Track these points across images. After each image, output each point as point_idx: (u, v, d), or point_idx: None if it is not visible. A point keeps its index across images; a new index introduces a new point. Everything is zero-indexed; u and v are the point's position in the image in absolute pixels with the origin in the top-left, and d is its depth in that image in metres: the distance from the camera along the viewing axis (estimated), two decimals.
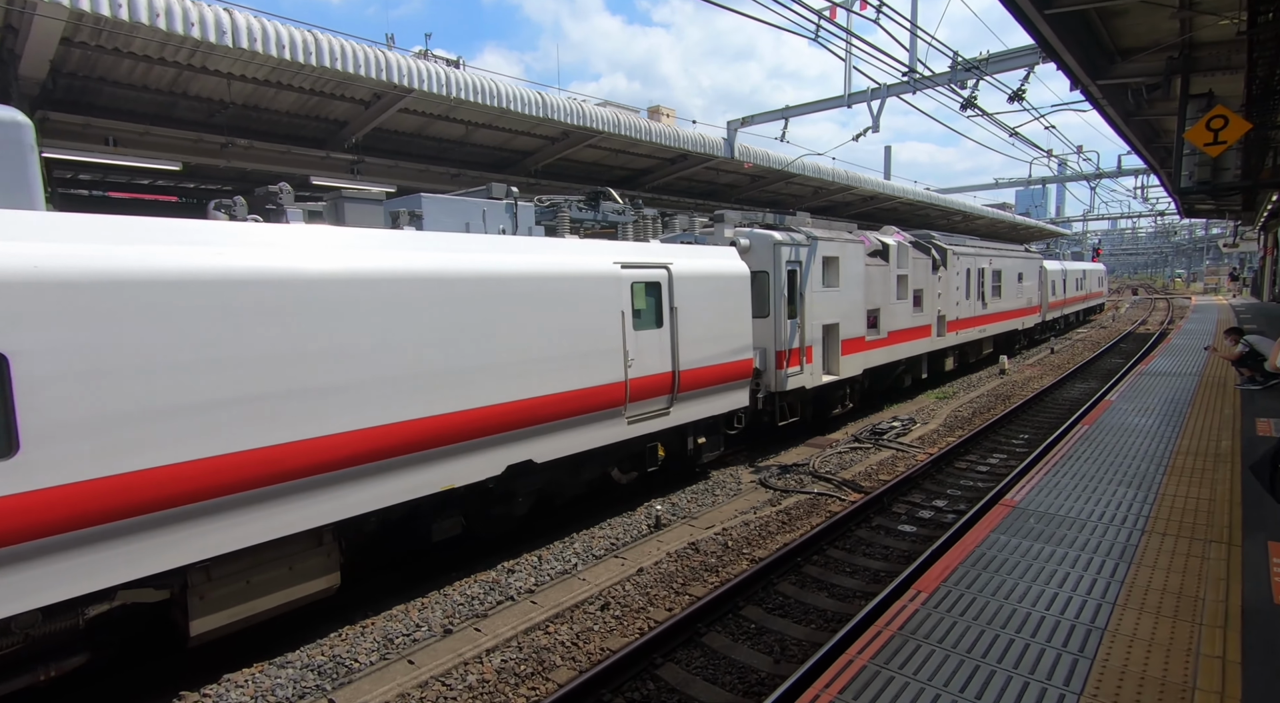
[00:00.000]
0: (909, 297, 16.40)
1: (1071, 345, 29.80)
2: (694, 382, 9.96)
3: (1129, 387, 11.17)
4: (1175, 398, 10.14)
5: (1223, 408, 9.21)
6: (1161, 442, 7.65)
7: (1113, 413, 9.22)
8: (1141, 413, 9.13)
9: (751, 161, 17.08)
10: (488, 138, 12.49)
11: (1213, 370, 12.03)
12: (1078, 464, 7.03)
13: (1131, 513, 5.61)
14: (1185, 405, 9.51)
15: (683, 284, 9.68)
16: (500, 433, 7.12)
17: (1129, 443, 7.70)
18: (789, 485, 10.70)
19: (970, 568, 4.70)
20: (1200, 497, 5.78)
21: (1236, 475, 6.18)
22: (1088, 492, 6.20)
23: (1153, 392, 10.68)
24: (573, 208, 9.21)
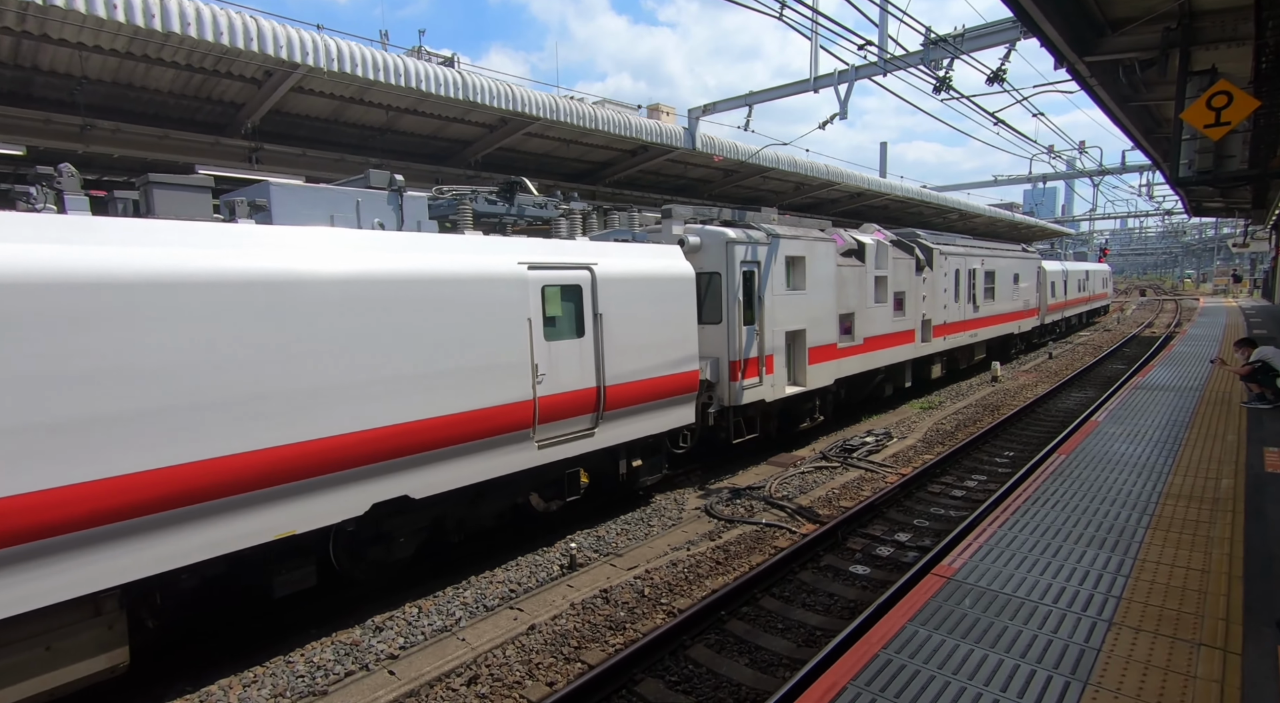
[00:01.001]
0: (889, 300, 15.20)
1: (1072, 350, 28.53)
2: (625, 398, 8.81)
3: (1120, 405, 9.95)
4: (1171, 419, 8.91)
5: (1225, 433, 8.00)
6: (1150, 478, 6.43)
7: (1096, 438, 8.01)
8: (1130, 439, 7.92)
9: (721, 155, 15.91)
10: (416, 125, 11.39)
11: (1216, 385, 10.81)
12: (1043, 512, 5.81)
13: (1099, 590, 4.33)
14: (1182, 429, 8.30)
15: (610, 287, 8.53)
16: (361, 466, 5.98)
17: (1110, 481, 6.48)
18: (736, 514, 9.54)
19: (864, 689, 3.46)
20: (1190, 566, 4.55)
21: (1238, 532, 4.98)
22: (1048, 554, 4.95)
23: (1146, 411, 9.46)
24: (479, 200, 8.06)
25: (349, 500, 5.95)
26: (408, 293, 6.19)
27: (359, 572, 6.74)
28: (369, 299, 5.92)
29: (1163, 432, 8.16)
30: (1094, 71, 9.18)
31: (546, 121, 11.39)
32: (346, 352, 5.75)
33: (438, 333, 6.46)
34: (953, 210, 30.26)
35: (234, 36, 7.37)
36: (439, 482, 6.68)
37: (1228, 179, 8.41)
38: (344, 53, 8.40)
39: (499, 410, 7.14)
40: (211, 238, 5.19)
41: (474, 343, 6.83)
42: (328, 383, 5.63)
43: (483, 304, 6.92)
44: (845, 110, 11.73)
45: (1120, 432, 8.29)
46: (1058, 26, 7.99)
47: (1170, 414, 9.20)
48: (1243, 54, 7.74)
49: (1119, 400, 10.20)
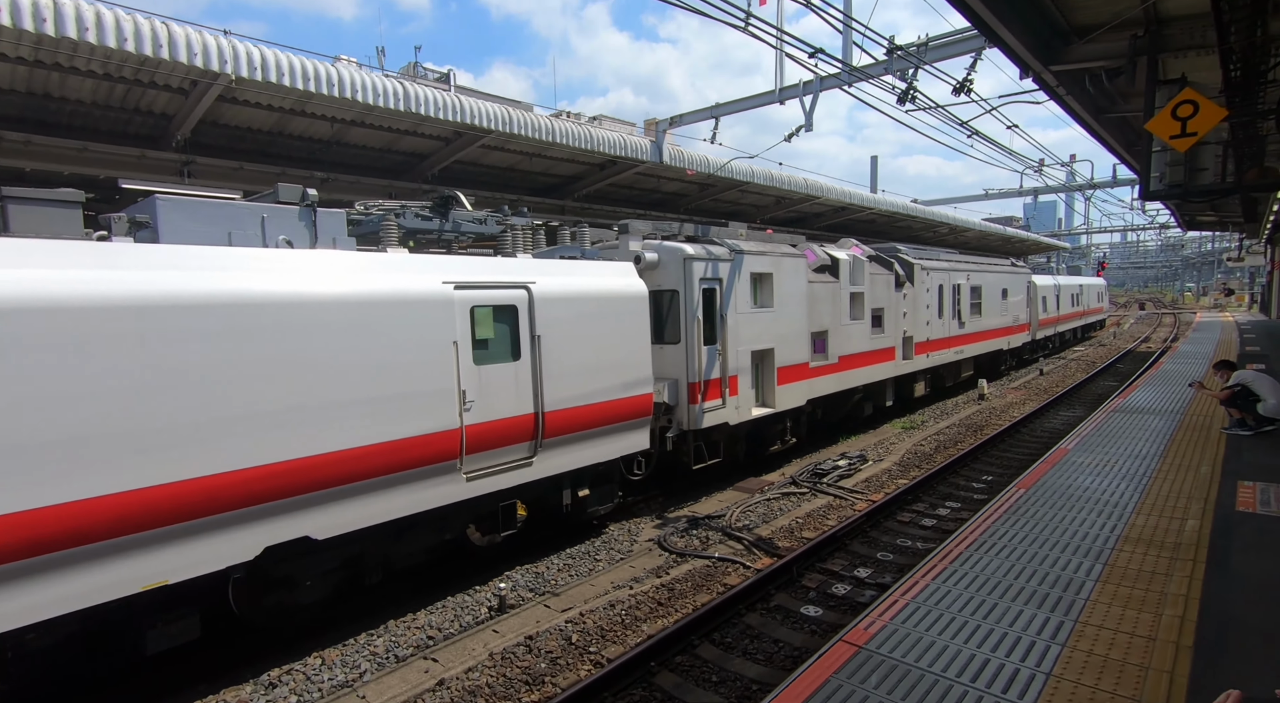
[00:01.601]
0: (866, 316, 14.73)
1: (1065, 366, 28.02)
2: (569, 424, 8.31)
3: (1094, 430, 9.41)
4: (1145, 448, 8.35)
5: (1200, 463, 7.46)
6: (1110, 518, 5.87)
7: (1062, 470, 7.47)
8: (1097, 470, 7.35)
9: (694, 168, 15.52)
10: (366, 138, 11.00)
11: (1198, 408, 10.27)
12: (985, 559, 5.24)
13: (1028, 664, 3.67)
14: (1155, 459, 7.76)
15: (550, 307, 8.07)
16: (250, 506, 5.48)
17: (1067, 521, 5.90)
18: (690, 546, 9.01)
19: None
20: (1136, 631, 3.93)
21: (1196, 587, 4.43)
22: (979, 614, 4.35)
23: (1121, 436, 8.90)
24: (407, 216, 7.62)
25: (235, 544, 5.44)
26: (304, 317, 5.72)
27: (260, 619, 6.22)
28: (254, 325, 5.44)
29: (1134, 462, 7.61)
30: (1062, 81, 8.76)
31: (500, 134, 10.99)
32: (230, 383, 5.27)
33: (342, 360, 5.98)
34: (942, 225, 29.89)
35: (141, 43, 6.96)
36: (347, 520, 6.17)
37: (1199, 193, 7.97)
38: (269, 62, 7.99)
39: (418, 441, 6.64)
40: (67, 258, 4.73)
41: (388, 370, 6.35)
42: (207, 417, 5.14)
43: (399, 327, 6.45)
44: (810, 122, 11.32)
45: (1088, 462, 7.75)
46: (1018, 34, 7.58)
47: (1145, 441, 8.64)
48: (1213, 62, 7.31)
49: (1093, 425, 9.67)
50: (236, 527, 5.40)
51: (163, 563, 5.04)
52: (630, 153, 13.28)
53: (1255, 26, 5.85)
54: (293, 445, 5.62)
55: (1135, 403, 11.47)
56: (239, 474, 5.32)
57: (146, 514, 4.92)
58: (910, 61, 9.49)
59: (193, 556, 5.18)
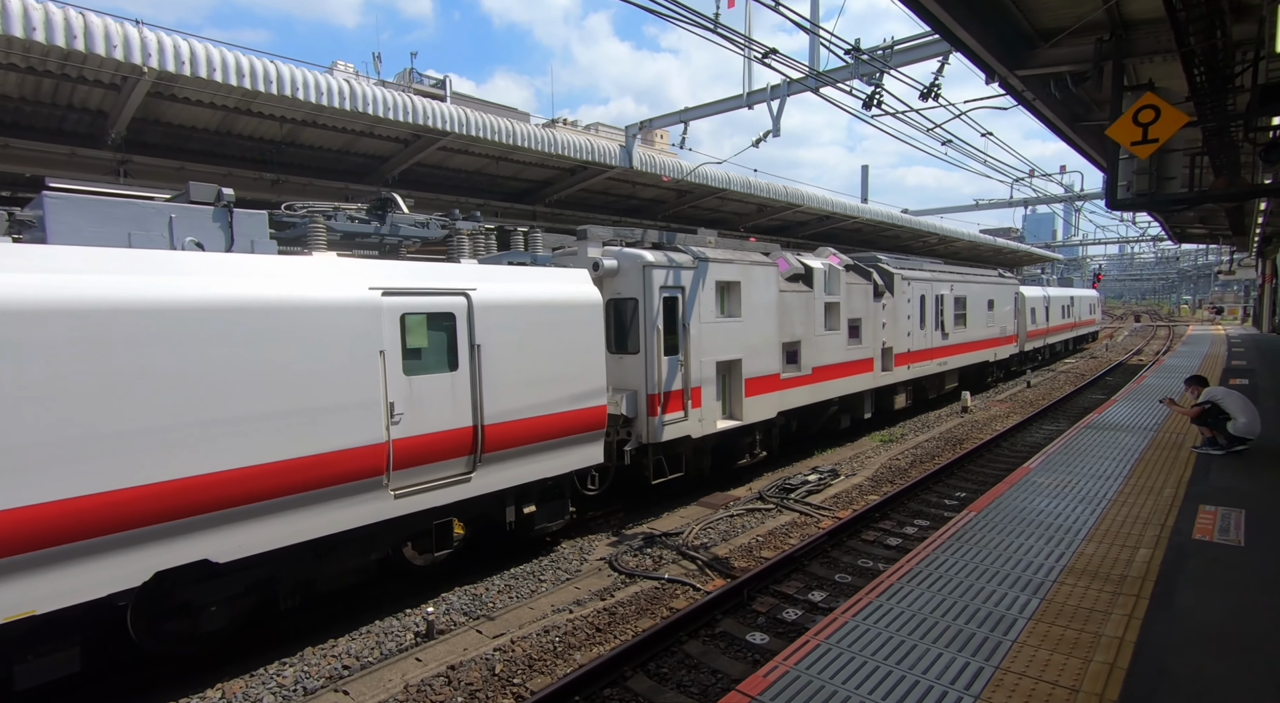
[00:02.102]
0: (842, 327, 14.39)
1: (1053, 378, 27.70)
2: (513, 437, 7.94)
3: (1061, 448, 9.03)
4: (1110, 467, 7.94)
5: (1164, 486, 7.08)
6: (1059, 545, 5.47)
7: (1020, 491, 7.08)
8: (1056, 492, 6.95)
9: (669, 174, 15.22)
10: (320, 138, 10.67)
11: (1172, 425, 9.89)
12: (916, 591, 4.82)
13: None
14: (1119, 480, 7.37)
15: (493, 315, 7.71)
16: (136, 528, 5.10)
17: (1013, 548, 5.48)
18: (642, 566, 8.62)
19: None
20: (1060, 681, 3.45)
21: (1133, 629, 4.01)
22: (895, 656, 3.93)
23: (1088, 455, 8.51)
24: (339, 218, 7.27)
25: (118, 570, 5.05)
26: (194, 325, 5.34)
27: (161, 648, 5.83)
28: (131, 334, 5.05)
29: (1096, 484, 7.22)
30: (1030, 86, 8.46)
31: (459, 136, 10.67)
32: (102, 397, 4.89)
33: (243, 371, 5.61)
34: (931, 235, 29.62)
35: (52, 33, 6.61)
36: (253, 542, 5.79)
37: (1165, 202, 7.64)
38: (199, 57, 7.65)
39: (337, 457, 6.27)
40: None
41: (300, 381, 5.98)
42: (72, 434, 4.75)
43: (314, 336, 6.08)
44: (778, 127, 11.02)
45: (1049, 483, 7.37)
46: (978, 37, 7.27)
47: (1112, 460, 8.24)
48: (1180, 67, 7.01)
49: (1061, 443, 9.29)
50: (119, 551, 5.01)
51: (27, 592, 4.65)
52: (598, 157, 12.97)
53: (1214, 30, 5.54)
54: (183, 463, 5.24)
55: (1109, 419, 11.09)
56: (117, 495, 4.93)
57: (17, 537, 4.54)
58: (874, 66, 9.19)
59: (65, 583, 4.78)
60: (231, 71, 8.01)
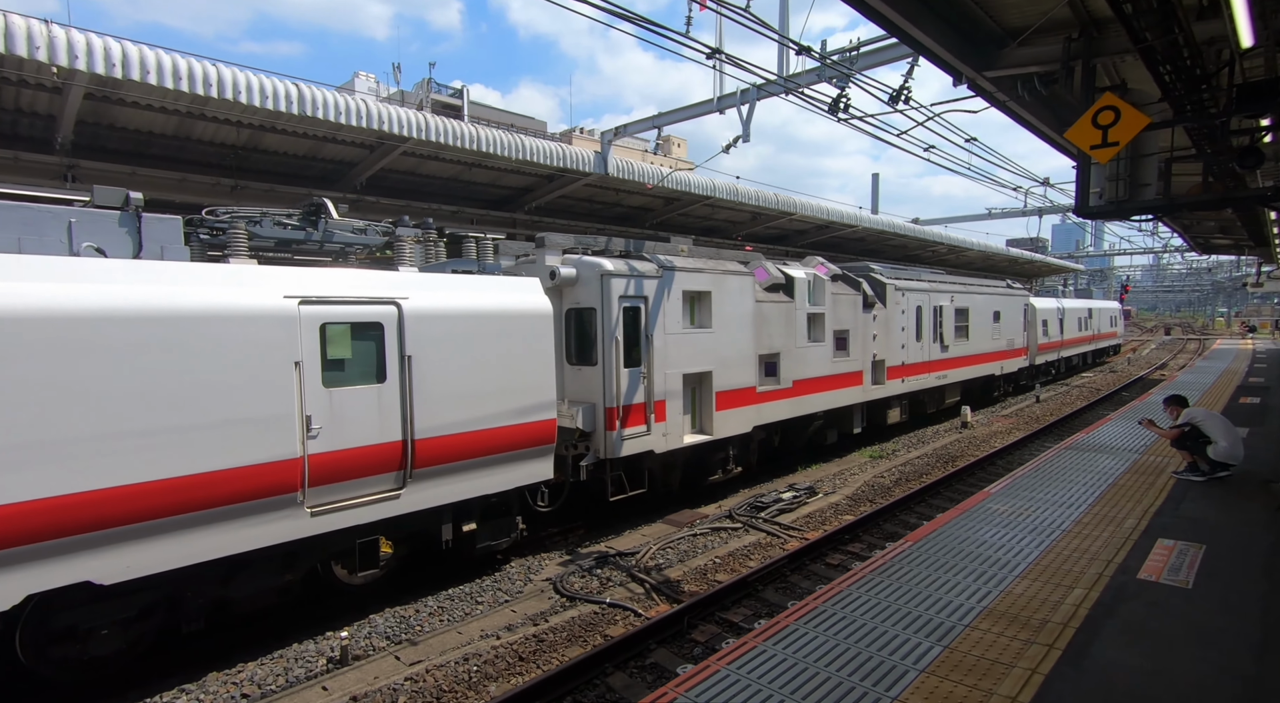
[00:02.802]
0: (827, 339, 13.91)
1: (1066, 393, 26.81)
2: (449, 452, 7.64)
3: (1031, 471, 8.46)
4: (1076, 494, 7.25)
5: (1128, 516, 6.49)
6: (990, 581, 4.94)
7: (969, 519, 6.54)
8: (1007, 521, 6.36)
9: (653, 181, 14.90)
10: (283, 144, 10.54)
11: (1161, 448, 9.24)
12: (810, 634, 4.34)
13: None
14: (1082, 508, 6.79)
15: (427, 326, 7.43)
16: (4, 548, 4.87)
17: (937, 584, 4.93)
18: (588, 588, 8.25)
19: None
20: None
21: (1032, 686, 3.51)
22: None
23: (1058, 479, 7.90)
24: (265, 224, 7.05)
25: None
26: (72, 335, 5.10)
27: (54, 673, 5.59)
28: (35, 343, 4.84)
29: (1054, 512, 6.64)
30: (1003, 88, 8.01)
31: (417, 141, 10.46)
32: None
33: (130, 383, 5.36)
34: (940, 244, 28.92)
35: None
36: (143, 562, 5.52)
37: (1135, 210, 7.13)
38: (131, 59, 7.50)
39: (242, 473, 6.00)
40: None
41: (200, 392, 5.72)
42: None
43: (217, 346, 5.83)
44: (748, 132, 10.67)
45: (1004, 510, 6.83)
46: (936, 36, 6.85)
47: (1082, 486, 7.61)
48: None
49: (1032, 466, 8.71)
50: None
51: None
52: (571, 164, 12.69)
53: (1170, 26, 5.09)
54: (56, 480, 5.00)
55: (1096, 440, 10.44)
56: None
57: None
58: (837, 70, 8.78)
59: None
60: (167, 74, 7.85)
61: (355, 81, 73.70)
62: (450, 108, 60.23)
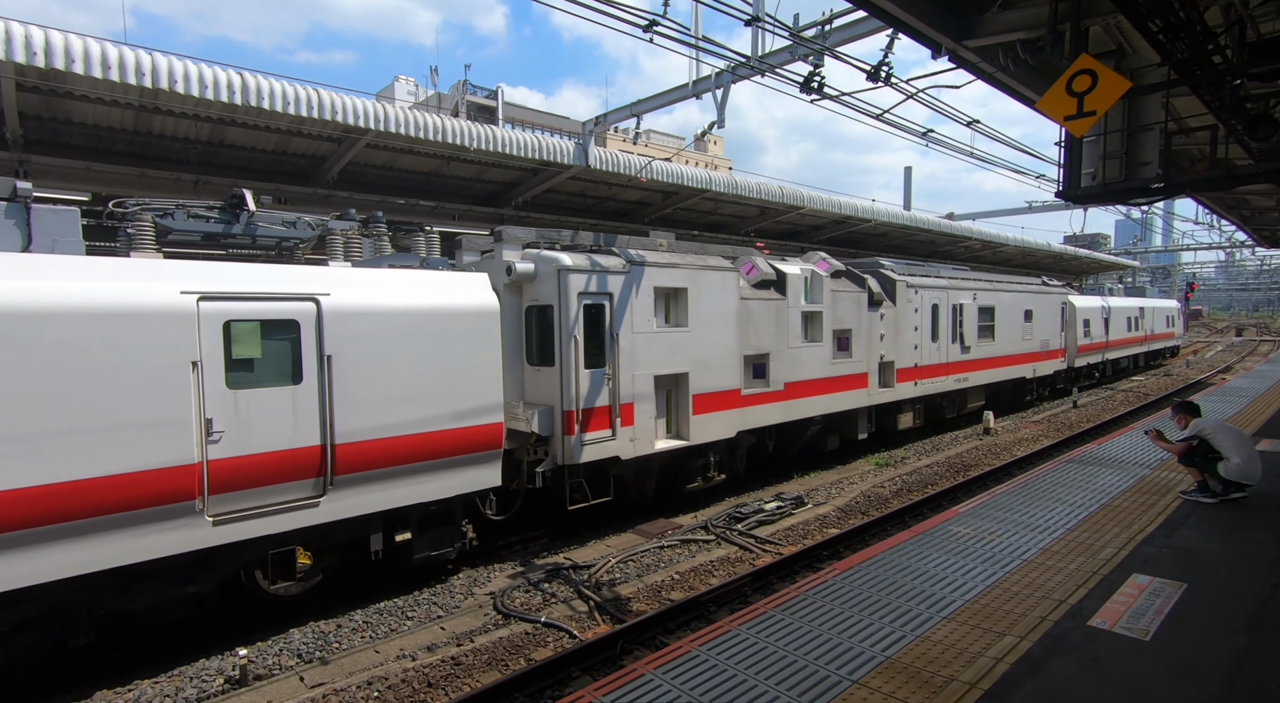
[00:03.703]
0: (825, 339, 13.08)
1: (1109, 397, 25.13)
2: (377, 458, 7.21)
3: (1018, 487, 7.48)
4: (1058, 516, 6.26)
5: (1108, 543, 5.49)
6: (912, 622, 4.08)
7: (920, 544, 5.64)
8: (964, 547, 5.39)
9: (646, 175, 14.28)
10: (249, 138, 10.31)
11: (1173, 464, 8.13)
12: (662, 689, 3.71)
13: None
14: (1057, 532, 5.80)
15: (351, 323, 7.01)
16: None
17: (846, 625, 4.20)
18: (529, 604, 7.72)
19: None
20: None
21: None
22: None
23: (1042, 498, 6.88)
24: (178, 216, 6.72)
25: None
26: None
27: None
28: None
29: (1023, 536, 5.72)
30: (986, 58, 7.15)
31: (380, 133, 10.10)
32: None
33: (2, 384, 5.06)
34: (972, 239, 27.45)
35: None
36: (16, 574, 5.23)
37: (1127, 193, 6.18)
38: (55, 48, 7.31)
39: (129, 480, 5.66)
40: None
41: (79, 394, 5.40)
42: None
43: (99, 345, 5.50)
44: (723, 118, 9.98)
45: (965, 533, 5.97)
46: (906, 5, 6.10)
47: (1068, 506, 6.58)
48: None
49: (1020, 482, 7.73)
50: None
51: None
52: (550, 156, 12.18)
53: None
54: None
55: (1105, 452, 9.33)
56: None
57: None
58: (810, 47, 8.03)
59: None
60: (113, 68, 7.64)
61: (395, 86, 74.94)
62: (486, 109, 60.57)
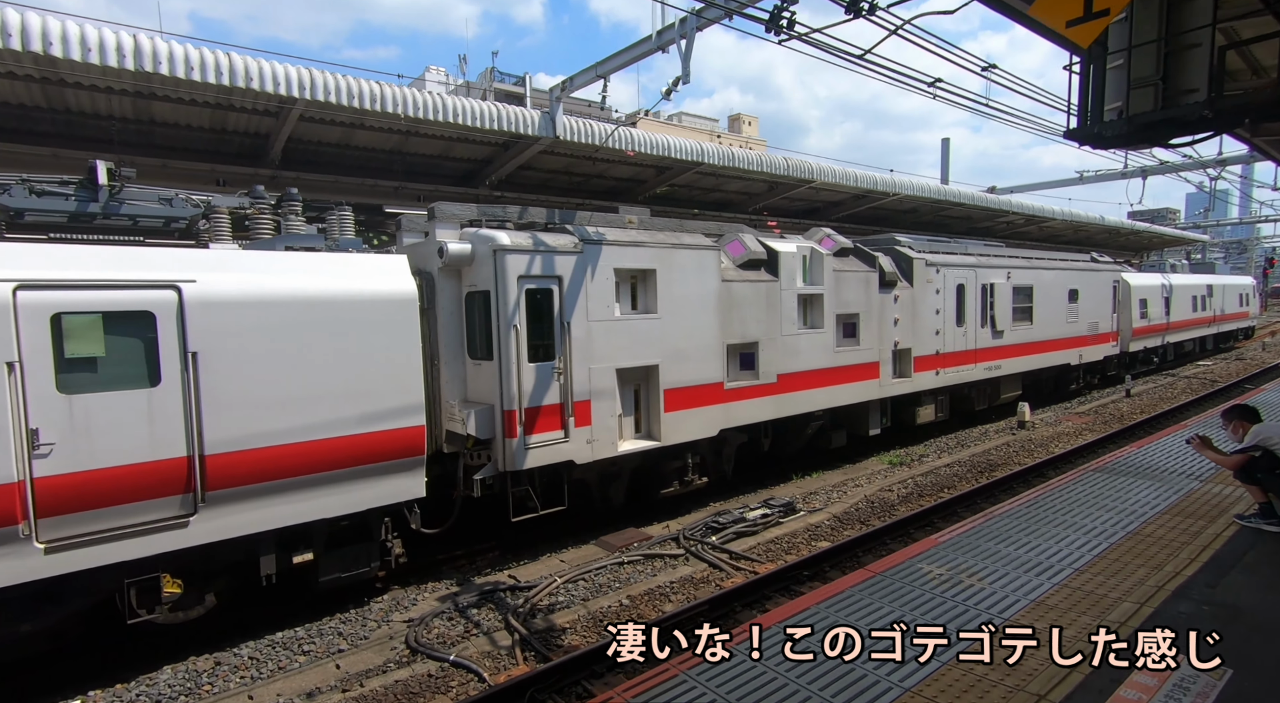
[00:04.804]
0: (827, 324, 11.67)
1: (1169, 385, 22.85)
2: (265, 469, 6.27)
3: (1026, 506, 5.95)
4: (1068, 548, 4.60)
5: (1125, 596, 4.01)
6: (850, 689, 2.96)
7: (868, 592, 4.24)
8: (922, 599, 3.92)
9: (634, 148, 13.03)
10: (180, 115, 9.45)
11: (1226, 477, 6.45)
12: None
13: None
14: (1062, 574, 4.39)
15: (224, 315, 6.05)
16: None
17: None
18: (446, 636, 6.70)
19: None
20: None
21: None
22: None
23: (1053, 522, 5.27)
24: (15, 192, 5.84)
25: None
26: None
27: None
28: None
29: (1016, 579, 4.25)
30: None
31: (311, 103, 9.13)
32: None
33: None
34: (1014, 213, 25.24)
35: None
36: None
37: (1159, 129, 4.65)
38: None
39: None
40: None
41: None
42: None
43: None
44: (688, 73, 8.69)
45: (937, 573, 4.56)
46: None
47: (1083, 533, 4.98)
48: None
49: (1029, 498, 6.21)
50: None
51: None
52: (514, 126, 11.04)
53: None
54: None
55: (1144, 457, 7.67)
56: None
57: None
58: None
59: None
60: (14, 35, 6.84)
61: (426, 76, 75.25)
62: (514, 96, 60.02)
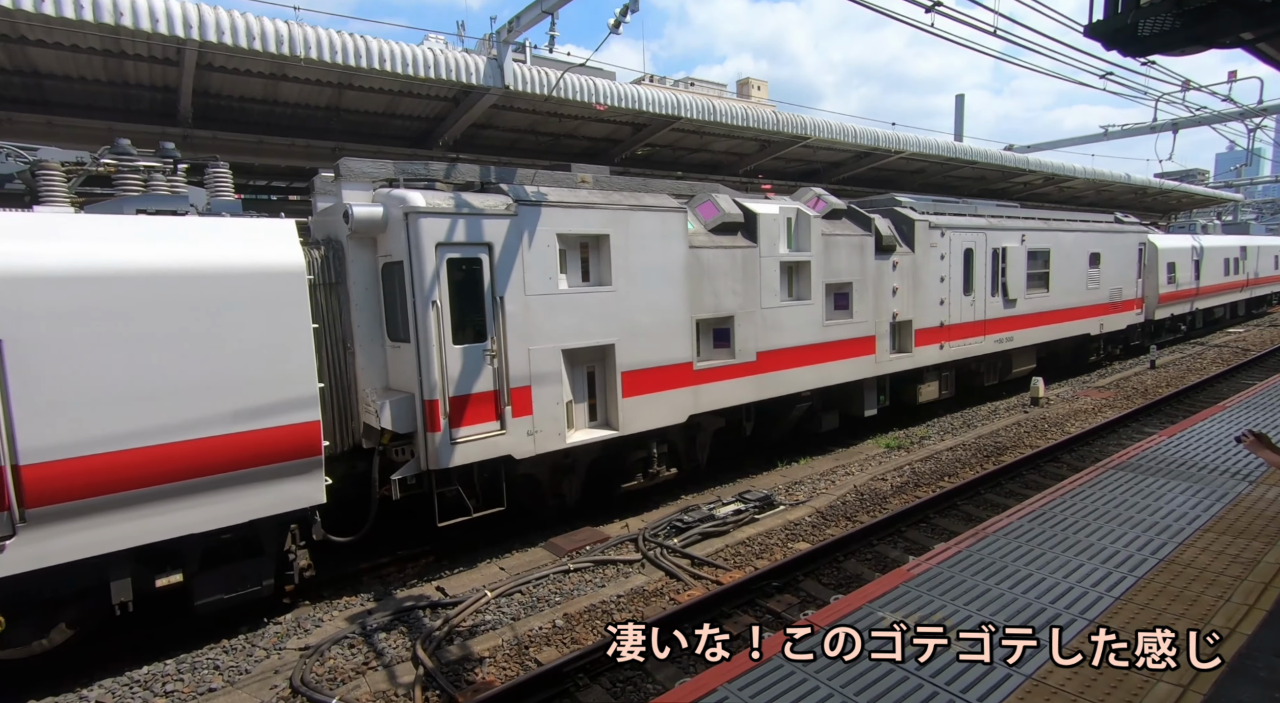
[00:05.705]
0: (815, 295, 10.41)
1: (1198, 355, 21.40)
2: (109, 478, 5.25)
3: (1030, 518, 4.75)
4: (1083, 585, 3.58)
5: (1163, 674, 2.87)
6: None
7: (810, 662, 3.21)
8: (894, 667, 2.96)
9: (605, 102, 11.69)
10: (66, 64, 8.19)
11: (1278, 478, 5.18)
12: None
13: None
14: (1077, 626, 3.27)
15: (41, 294, 4.97)
16: None
17: None
18: (340, 669, 5.70)
19: None
20: None
21: None
22: None
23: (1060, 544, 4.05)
24: None
25: None
26: None
27: None
28: None
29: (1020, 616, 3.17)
30: None
31: (218, 46, 7.87)
32: None
33: None
34: (1031, 173, 23.51)
35: None
36: None
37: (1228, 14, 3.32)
38: None
39: None
40: None
41: None
42: None
43: None
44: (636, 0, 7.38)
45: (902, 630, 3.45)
46: None
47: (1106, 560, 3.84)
48: None
49: (1032, 508, 4.93)
50: None
51: None
52: (454, 74, 9.74)
53: None
54: None
55: (1176, 450, 6.29)
56: None
57: None
58: None
59: None
60: None
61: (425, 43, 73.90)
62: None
